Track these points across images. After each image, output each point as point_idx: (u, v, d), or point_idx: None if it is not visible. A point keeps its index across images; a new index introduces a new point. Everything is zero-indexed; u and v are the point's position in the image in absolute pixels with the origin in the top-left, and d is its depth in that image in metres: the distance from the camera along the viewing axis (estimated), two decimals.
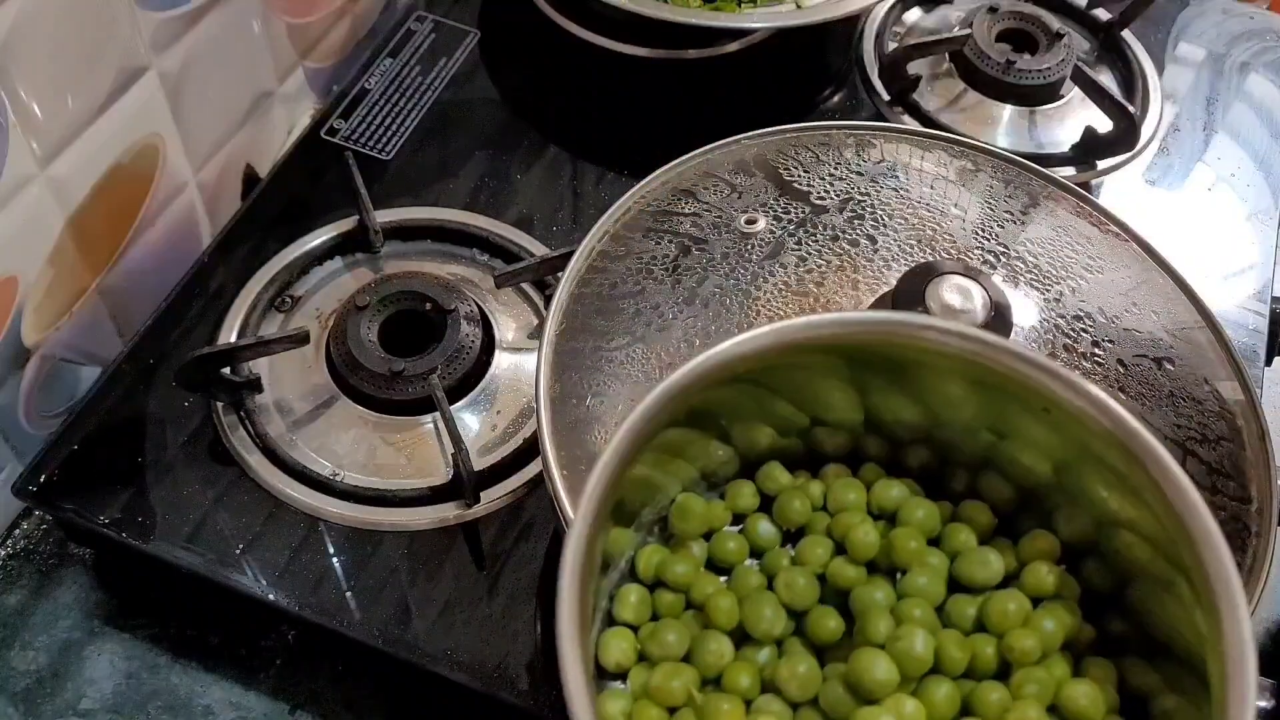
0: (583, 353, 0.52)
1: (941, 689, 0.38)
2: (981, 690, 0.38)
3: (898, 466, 0.45)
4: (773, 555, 0.43)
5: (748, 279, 0.52)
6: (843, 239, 0.53)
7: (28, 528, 0.64)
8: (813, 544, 0.42)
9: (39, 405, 0.64)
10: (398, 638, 0.56)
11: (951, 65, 0.81)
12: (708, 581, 0.42)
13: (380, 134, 0.77)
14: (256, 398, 0.64)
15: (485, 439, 0.63)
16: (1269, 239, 0.78)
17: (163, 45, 0.64)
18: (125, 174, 0.64)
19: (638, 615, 0.41)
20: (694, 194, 0.56)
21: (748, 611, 0.40)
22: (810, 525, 0.43)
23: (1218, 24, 0.92)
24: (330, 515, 0.60)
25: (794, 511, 0.43)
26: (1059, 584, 0.41)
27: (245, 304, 0.67)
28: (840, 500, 0.44)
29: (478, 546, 0.60)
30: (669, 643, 0.40)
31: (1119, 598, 0.40)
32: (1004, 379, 0.39)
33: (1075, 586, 0.41)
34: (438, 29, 0.83)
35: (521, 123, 0.79)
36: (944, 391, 0.41)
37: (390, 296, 0.66)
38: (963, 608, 0.40)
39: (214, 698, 0.58)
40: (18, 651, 0.59)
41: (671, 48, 0.80)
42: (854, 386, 0.43)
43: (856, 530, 0.42)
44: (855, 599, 0.41)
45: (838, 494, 0.44)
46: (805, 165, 0.57)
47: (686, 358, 0.51)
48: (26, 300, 0.60)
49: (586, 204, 0.74)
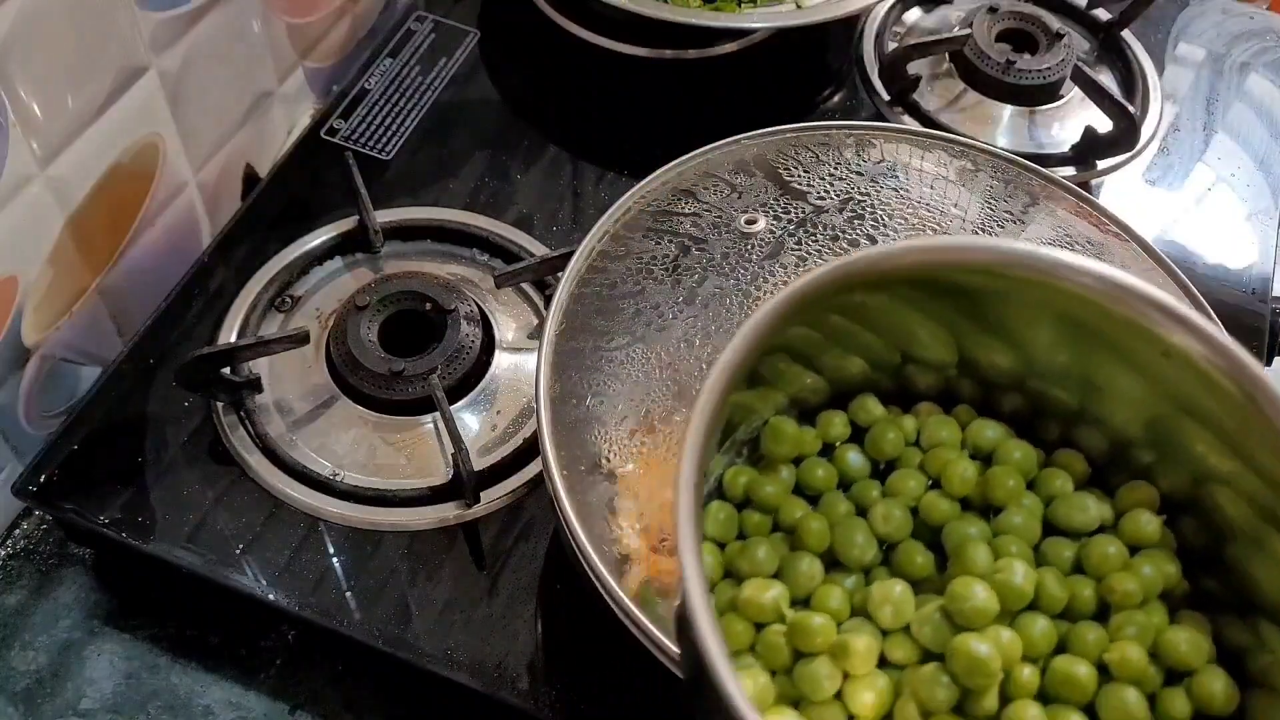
0: (583, 353, 0.52)
1: (1038, 624, 0.38)
2: (1079, 629, 0.38)
3: (989, 411, 0.44)
4: (861, 486, 0.43)
5: (748, 279, 0.52)
6: (843, 239, 0.53)
7: (28, 528, 0.64)
8: (905, 477, 0.42)
9: (39, 405, 0.64)
10: (398, 638, 0.57)
11: (951, 65, 0.81)
12: (796, 505, 0.42)
13: (380, 134, 0.77)
14: (256, 398, 0.64)
15: (485, 439, 0.63)
16: (1269, 239, 0.77)
17: (163, 45, 0.64)
18: (125, 174, 0.64)
19: (724, 532, 0.41)
20: (694, 194, 0.56)
21: (839, 536, 0.40)
22: (902, 459, 0.43)
23: (1218, 24, 0.92)
24: (330, 515, 0.60)
25: (887, 443, 0.43)
26: (1159, 533, 0.40)
27: (245, 304, 0.67)
28: (934, 436, 0.43)
29: (478, 546, 0.60)
30: (759, 559, 0.39)
31: (1214, 556, 0.40)
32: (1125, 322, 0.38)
33: (1172, 538, 0.41)
34: (438, 29, 0.83)
35: (521, 123, 0.79)
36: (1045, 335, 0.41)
37: (390, 296, 0.66)
38: (1059, 550, 0.40)
39: (214, 698, 0.58)
40: (18, 651, 0.59)
41: (671, 48, 0.80)
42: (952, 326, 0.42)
43: (955, 465, 0.42)
44: (949, 533, 0.40)
45: (932, 430, 0.44)
46: (805, 165, 0.57)
47: (687, 358, 0.51)
48: (26, 300, 0.60)
49: (586, 204, 0.74)
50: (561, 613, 0.58)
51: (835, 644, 0.37)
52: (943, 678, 0.36)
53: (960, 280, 0.40)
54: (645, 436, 0.51)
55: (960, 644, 0.36)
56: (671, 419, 0.50)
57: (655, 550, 0.50)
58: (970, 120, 0.78)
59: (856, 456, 0.43)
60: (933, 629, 0.37)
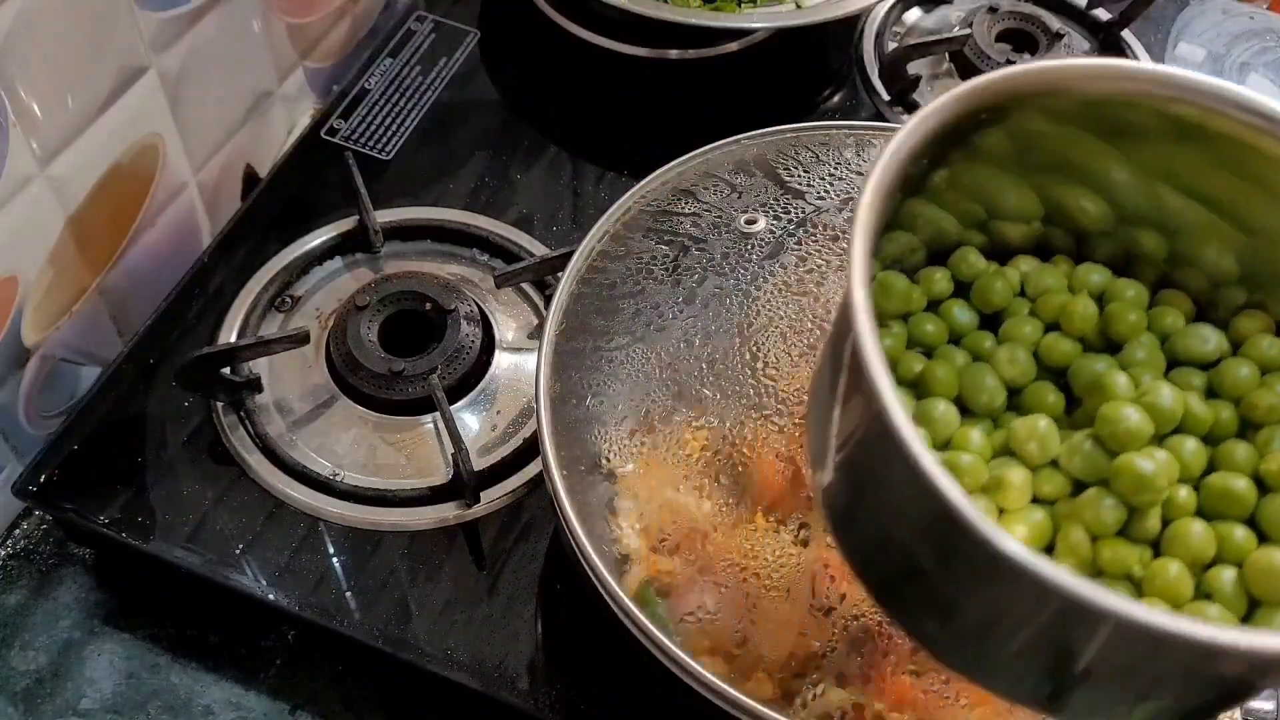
0: (583, 353, 0.52)
1: (1187, 444, 0.38)
2: (1228, 448, 0.38)
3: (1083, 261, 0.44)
4: (972, 338, 0.42)
5: (748, 279, 0.52)
6: (843, 239, 0.53)
7: (28, 528, 0.64)
8: (1020, 323, 0.42)
9: (39, 405, 0.64)
10: (398, 638, 0.57)
11: (951, 65, 0.81)
12: (914, 358, 0.41)
13: (380, 134, 0.77)
14: (256, 398, 0.64)
15: (485, 439, 0.63)
16: None
17: (163, 45, 0.64)
18: (125, 174, 0.64)
19: None
20: (694, 194, 0.56)
21: (967, 382, 0.40)
22: (1010, 308, 0.43)
23: (1218, 24, 0.92)
24: (330, 515, 0.60)
25: (995, 293, 0.43)
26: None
27: (245, 304, 0.67)
28: (1041, 283, 0.43)
29: (478, 546, 0.60)
30: None
31: None
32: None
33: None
34: (438, 29, 0.83)
35: (521, 123, 0.79)
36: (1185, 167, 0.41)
37: (390, 296, 0.66)
38: (1188, 379, 0.40)
39: (214, 698, 0.58)
40: (18, 651, 0.59)
41: (672, 48, 0.80)
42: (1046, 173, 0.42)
43: (1076, 303, 0.41)
44: (1078, 371, 0.40)
45: (1038, 277, 0.43)
46: (805, 165, 0.57)
47: (687, 358, 0.51)
48: (26, 300, 0.60)
49: (586, 204, 0.74)
50: (561, 613, 0.58)
51: (988, 481, 0.37)
52: (1107, 500, 0.36)
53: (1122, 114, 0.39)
54: (645, 436, 0.51)
55: (1124, 462, 0.36)
56: (671, 419, 0.50)
57: (655, 550, 0.50)
58: None
59: (963, 311, 0.43)
60: (1083, 458, 0.37)
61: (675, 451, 0.50)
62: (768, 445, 0.49)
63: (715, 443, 0.50)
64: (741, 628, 0.48)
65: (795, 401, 0.49)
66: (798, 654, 0.48)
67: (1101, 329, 0.42)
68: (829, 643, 0.48)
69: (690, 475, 0.50)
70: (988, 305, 0.43)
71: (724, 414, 0.50)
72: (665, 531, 0.49)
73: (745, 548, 0.49)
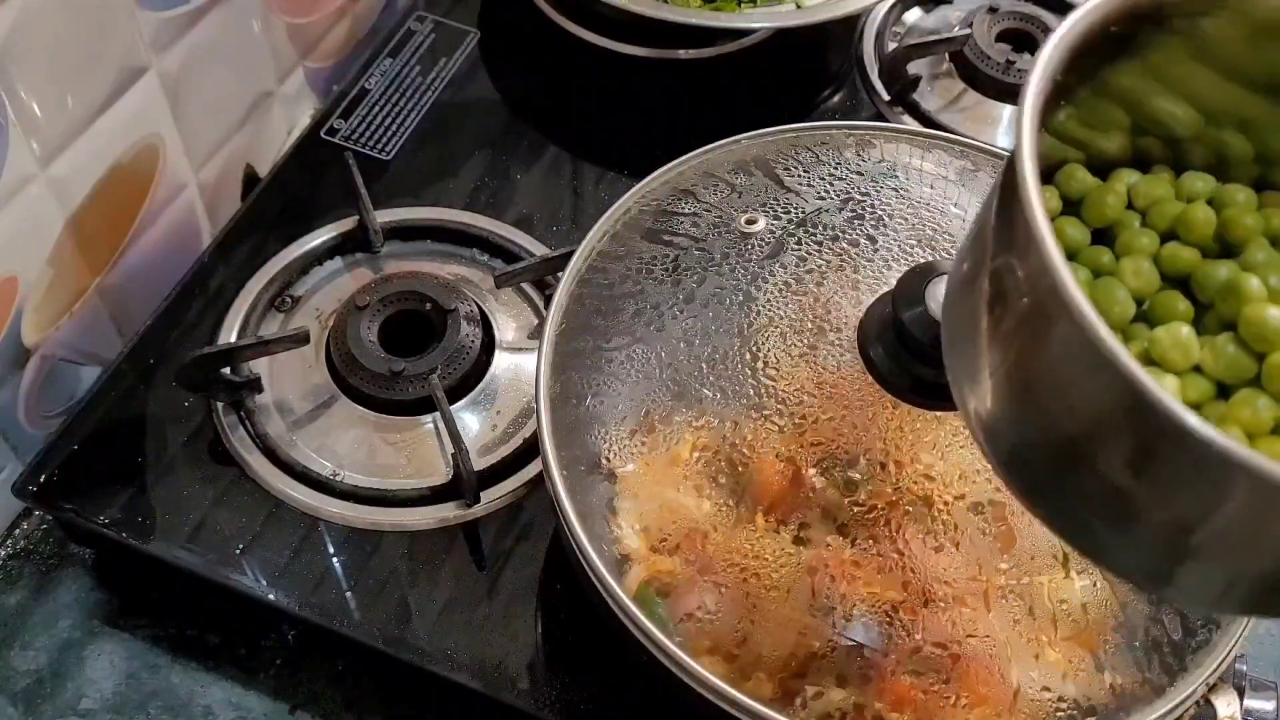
0: (583, 353, 0.52)
1: None
2: None
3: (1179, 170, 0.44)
4: (1087, 254, 0.42)
5: (748, 279, 0.52)
6: (843, 239, 0.53)
7: (28, 528, 0.64)
8: (1136, 235, 0.42)
9: (39, 405, 0.64)
10: (398, 638, 0.57)
11: (951, 65, 0.81)
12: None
13: (380, 134, 0.77)
14: (256, 398, 0.64)
15: (485, 439, 0.63)
16: None
17: (163, 45, 0.64)
18: (125, 174, 0.64)
19: None
20: (694, 194, 0.56)
21: (1097, 295, 0.39)
22: (1121, 222, 0.43)
23: None
24: (330, 515, 0.60)
25: (1107, 207, 0.42)
26: None
27: (245, 304, 0.67)
28: (1150, 194, 0.43)
29: (478, 546, 0.60)
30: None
31: None
32: None
33: None
34: (438, 29, 0.83)
35: (521, 123, 0.79)
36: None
37: (390, 296, 0.66)
38: None
39: (214, 698, 0.58)
40: (18, 651, 0.59)
41: (672, 48, 0.80)
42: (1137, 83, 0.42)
43: (1194, 210, 0.41)
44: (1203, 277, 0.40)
45: (1146, 188, 0.43)
46: (805, 165, 0.57)
47: (687, 358, 0.51)
48: (26, 300, 0.60)
49: (586, 204, 0.74)
50: (561, 613, 0.58)
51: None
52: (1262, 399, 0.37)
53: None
54: (645, 436, 0.51)
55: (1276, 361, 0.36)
56: (671, 419, 0.50)
57: (655, 550, 0.50)
58: (970, 120, 0.78)
59: (1074, 229, 0.43)
60: (1229, 362, 0.37)
61: (675, 452, 0.50)
62: (768, 445, 0.49)
63: (715, 443, 0.50)
64: (741, 628, 0.48)
65: (795, 401, 0.49)
66: (798, 654, 0.48)
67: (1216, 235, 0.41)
68: (829, 643, 0.48)
69: (690, 475, 0.50)
70: (1101, 219, 0.43)
71: (724, 414, 0.50)
72: (665, 532, 0.49)
73: (745, 548, 0.48)
